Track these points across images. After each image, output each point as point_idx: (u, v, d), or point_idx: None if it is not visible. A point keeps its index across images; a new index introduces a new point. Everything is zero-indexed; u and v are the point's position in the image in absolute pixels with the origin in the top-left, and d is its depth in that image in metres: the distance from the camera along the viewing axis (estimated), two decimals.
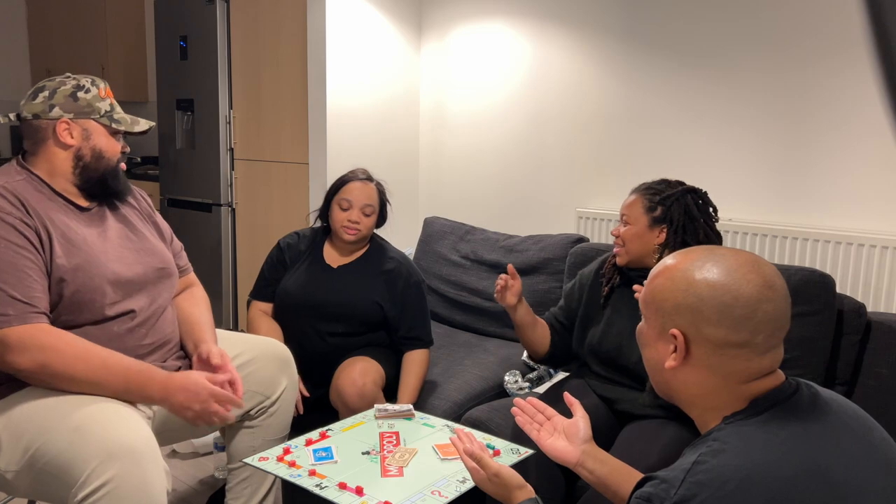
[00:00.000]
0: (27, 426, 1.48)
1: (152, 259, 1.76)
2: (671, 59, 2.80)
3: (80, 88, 1.66)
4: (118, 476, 1.37)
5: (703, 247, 1.07)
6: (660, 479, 0.95)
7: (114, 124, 1.69)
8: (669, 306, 1.02)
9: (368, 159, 3.37)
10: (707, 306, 0.99)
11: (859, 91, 2.40)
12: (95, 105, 1.67)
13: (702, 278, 1.00)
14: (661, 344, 1.05)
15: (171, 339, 1.78)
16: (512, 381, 2.36)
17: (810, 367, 1.97)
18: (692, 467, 0.92)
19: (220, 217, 3.85)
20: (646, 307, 1.08)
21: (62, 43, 5.16)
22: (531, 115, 3.23)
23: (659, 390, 1.11)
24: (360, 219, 2.23)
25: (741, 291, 0.98)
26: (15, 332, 1.47)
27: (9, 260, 1.49)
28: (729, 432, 0.96)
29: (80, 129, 1.66)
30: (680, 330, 1.01)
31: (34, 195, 1.60)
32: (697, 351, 1.01)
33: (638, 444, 1.75)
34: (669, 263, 1.06)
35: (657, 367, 1.07)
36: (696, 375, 1.02)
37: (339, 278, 2.25)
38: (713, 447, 0.94)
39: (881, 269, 2.35)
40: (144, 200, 1.90)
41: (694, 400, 1.04)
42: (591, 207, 3.07)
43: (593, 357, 1.98)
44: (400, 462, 1.64)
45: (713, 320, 0.98)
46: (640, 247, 1.89)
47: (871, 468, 0.96)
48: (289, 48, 3.44)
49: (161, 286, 1.77)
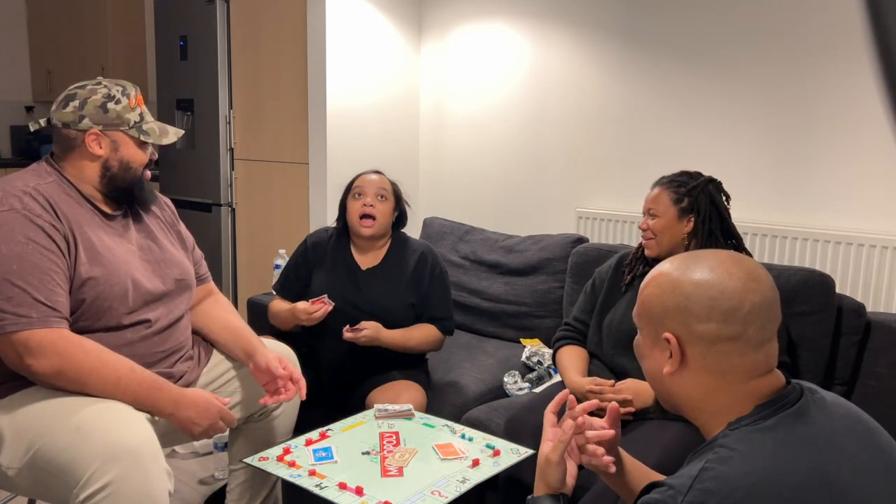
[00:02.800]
0: (30, 425, 1.48)
1: (172, 271, 1.76)
2: (671, 58, 2.80)
3: (111, 99, 1.66)
4: (120, 477, 1.38)
5: (686, 253, 1.09)
6: (667, 485, 0.95)
7: (142, 136, 1.69)
8: (659, 311, 1.04)
9: (368, 159, 3.36)
10: (695, 303, 1.00)
11: (859, 91, 2.40)
12: (125, 116, 1.67)
13: (686, 278, 1.02)
14: (657, 352, 1.06)
15: (182, 346, 1.79)
16: (511, 382, 2.36)
17: (809, 368, 1.97)
18: (699, 474, 0.92)
19: (220, 217, 3.85)
20: (639, 319, 1.10)
21: (62, 43, 5.16)
22: (531, 115, 3.23)
23: (663, 401, 1.11)
24: (374, 203, 2.19)
25: (726, 285, 1.00)
26: (36, 336, 1.47)
27: (35, 262, 1.49)
28: (735, 438, 0.95)
29: (109, 141, 1.66)
30: (672, 333, 1.02)
31: (64, 199, 1.60)
32: (692, 352, 1.01)
33: (638, 444, 1.75)
34: (654, 274, 1.08)
35: (657, 376, 1.07)
36: (694, 378, 1.02)
37: (369, 281, 2.21)
38: (720, 454, 0.94)
39: (881, 269, 2.35)
40: (169, 209, 1.90)
41: (697, 405, 1.04)
42: (591, 207, 3.07)
43: (610, 339, 1.99)
44: (400, 462, 1.64)
45: (702, 316, 1.00)
46: (671, 237, 1.94)
47: (878, 473, 0.95)
48: (289, 48, 3.44)
49: (179, 298, 1.78)
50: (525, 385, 2.35)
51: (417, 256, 2.26)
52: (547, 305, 2.66)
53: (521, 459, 1.69)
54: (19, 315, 1.47)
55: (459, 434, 1.80)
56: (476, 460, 1.64)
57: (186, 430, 1.61)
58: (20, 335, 1.47)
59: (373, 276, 2.23)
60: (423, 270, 2.24)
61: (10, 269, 1.47)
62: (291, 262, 2.33)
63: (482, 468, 1.62)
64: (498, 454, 1.69)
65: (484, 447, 1.72)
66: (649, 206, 1.97)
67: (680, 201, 1.94)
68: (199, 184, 3.93)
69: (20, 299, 1.47)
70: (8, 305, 1.46)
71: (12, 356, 1.49)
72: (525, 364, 2.51)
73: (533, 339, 2.65)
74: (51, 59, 5.25)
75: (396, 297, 2.20)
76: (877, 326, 1.97)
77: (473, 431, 1.82)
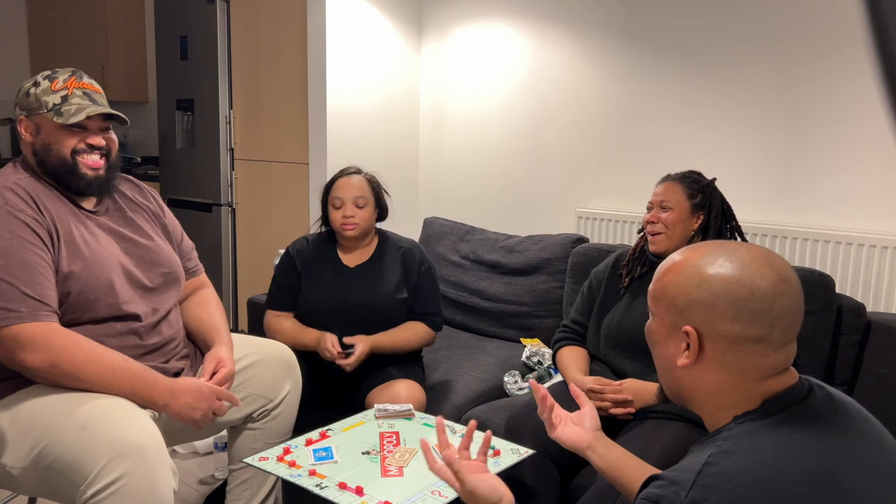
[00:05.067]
0: (35, 423, 1.48)
1: (157, 265, 1.75)
2: (671, 58, 2.80)
3: (35, 84, 1.65)
4: (126, 474, 1.38)
5: (711, 241, 1.04)
6: (668, 480, 0.93)
7: (55, 117, 1.61)
8: (682, 303, 0.99)
9: (368, 159, 3.36)
10: (722, 302, 0.96)
11: (859, 91, 2.40)
12: (43, 99, 1.63)
13: (715, 273, 0.97)
14: (672, 342, 1.02)
15: (172, 340, 1.78)
16: (511, 382, 2.36)
17: (810, 368, 1.97)
18: (703, 469, 0.91)
19: (220, 217, 3.86)
20: (655, 304, 1.05)
21: (62, 43, 5.16)
22: (531, 114, 3.23)
23: (669, 391, 1.08)
24: (354, 212, 2.19)
25: (757, 285, 0.95)
26: (27, 330, 1.47)
27: (21, 257, 1.49)
28: (739, 433, 0.94)
29: (33, 125, 1.64)
30: (693, 327, 0.98)
31: (45, 193, 1.61)
32: (711, 348, 0.98)
33: (637, 443, 1.75)
34: (678, 259, 1.03)
35: (668, 365, 1.04)
36: (709, 373, 0.99)
37: (358, 280, 2.23)
38: (723, 447, 0.92)
39: (881, 269, 2.35)
40: (155, 200, 1.88)
41: (706, 399, 1.01)
42: (591, 207, 3.07)
43: (609, 341, 1.98)
44: (400, 462, 1.64)
45: (729, 316, 0.96)
46: (683, 232, 1.91)
47: (884, 475, 0.94)
48: (289, 48, 3.44)
49: (166, 291, 1.77)
50: (525, 385, 2.35)
51: (404, 252, 2.27)
52: (547, 305, 2.66)
53: (521, 459, 1.69)
54: (8, 310, 1.47)
55: (459, 434, 1.80)
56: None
57: (187, 416, 1.59)
58: (11, 330, 1.47)
59: (361, 274, 2.23)
60: (412, 266, 2.25)
61: None
62: (278, 274, 2.29)
63: None
64: (498, 454, 1.69)
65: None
66: (662, 199, 1.92)
67: (693, 196, 1.91)
68: (199, 184, 3.93)
69: (9, 294, 1.47)
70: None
71: (5, 352, 1.49)
72: (525, 364, 2.51)
73: (533, 339, 2.65)
74: (51, 59, 5.24)
75: (386, 293, 2.21)
76: (877, 326, 1.97)
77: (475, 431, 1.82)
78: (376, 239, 2.31)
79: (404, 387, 2.10)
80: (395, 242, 2.31)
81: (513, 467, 1.67)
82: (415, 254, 2.28)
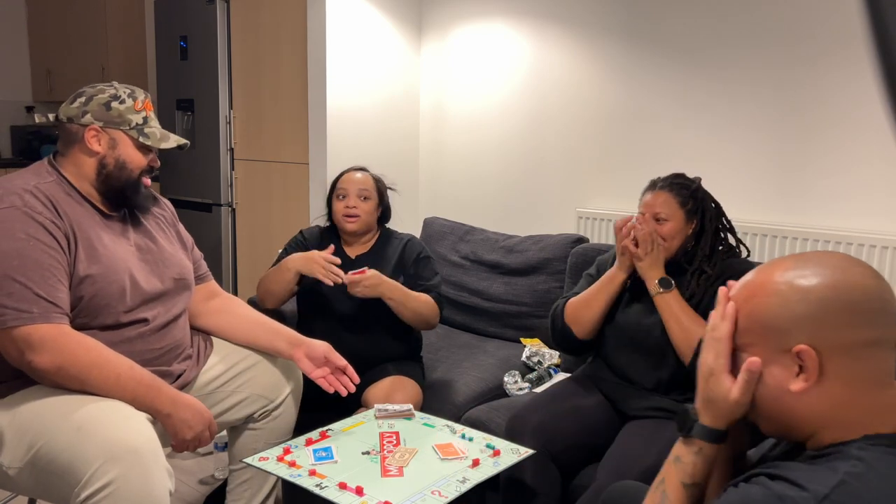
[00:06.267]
0: (31, 424, 1.49)
1: (171, 270, 1.77)
2: (671, 58, 2.80)
3: (116, 98, 1.68)
4: (121, 476, 1.38)
5: (782, 257, 0.97)
6: (798, 485, 0.86)
7: (141, 138, 1.70)
8: (784, 323, 0.91)
9: (368, 159, 3.35)
10: (833, 309, 0.89)
11: (860, 91, 2.40)
12: (127, 117, 1.69)
13: (817, 283, 0.90)
14: (777, 368, 0.93)
15: (180, 345, 1.80)
16: (511, 382, 2.36)
17: None
18: (838, 486, 0.84)
19: (220, 217, 3.86)
20: (745, 335, 0.96)
21: (62, 43, 5.16)
22: (531, 114, 3.23)
23: (768, 422, 0.97)
24: (357, 203, 2.26)
25: (866, 285, 0.89)
26: (38, 331, 1.48)
27: (36, 258, 1.50)
28: (874, 457, 0.86)
29: (107, 138, 1.67)
30: (809, 345, 0.89)
31: (64, 198, 1.62)
32: (830, 363, 0.90)
33: (637, 442, 1.76)
34: (758, 280, 0.95)
35: (774, 395, 0.94)
36: (827, 392, 0.91)
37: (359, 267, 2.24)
38: (858, 468, 0.85)
39: (881, 269, 2.34)
40: (168, 209, 1.93)
41: (821, 422, 0.92)
42: (591, 207, 3.07)
43: (612, 339, 1.98)
44: (400, 462, 1.64)
45: (843, 323, 0.89)
46: (681, 241, 1.90)
47: None
48: (289, 48, 3.44)
49: (178, 297, 1.79)
50: (525, 385, 2.35)
51: (404, 244, 2.34)
52: (547, 305, 2.66)
53: (521, 459, 1.69)
54: (20, 310, 1.47)
55: (459, 434, 1.80)
56: (476, 460, 1.64)
57: (179, 432, 1.59)
58: (21, 330, 1.47)
59: (362, 263, 2.27)
60: (410, 255, 2.32)
61: (10, 265, 1.48)
62: (288, 246, 2.37)
63: (482, 468, 1.62)
64: (498, 454, 1.69)
65: (484, 447, 1.73)
66: (657, 211, 1.89)
67: (685, 203, 1.89)
68: (199, 184, 3.93)
69: (21, 294, 1.47)
70: (9, 301, 1.47)
71: (13, 352, 1.49)
72: (525, 364, 2.51)
73: (533, 339, 2.65)
74: (51, 59, 5.24)
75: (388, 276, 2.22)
76: None
77: (473, 431, 1.82)
78: (378, 233, 2.38)
79: (400, 384, 2.11)
80: (395, 236, 2.39)
81: (513, 467, 1.68)
82: (415, 244, 2.36)
